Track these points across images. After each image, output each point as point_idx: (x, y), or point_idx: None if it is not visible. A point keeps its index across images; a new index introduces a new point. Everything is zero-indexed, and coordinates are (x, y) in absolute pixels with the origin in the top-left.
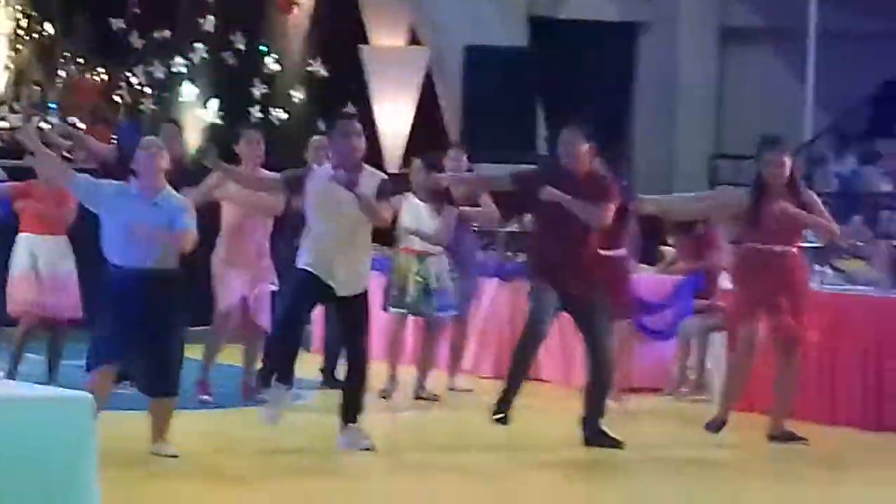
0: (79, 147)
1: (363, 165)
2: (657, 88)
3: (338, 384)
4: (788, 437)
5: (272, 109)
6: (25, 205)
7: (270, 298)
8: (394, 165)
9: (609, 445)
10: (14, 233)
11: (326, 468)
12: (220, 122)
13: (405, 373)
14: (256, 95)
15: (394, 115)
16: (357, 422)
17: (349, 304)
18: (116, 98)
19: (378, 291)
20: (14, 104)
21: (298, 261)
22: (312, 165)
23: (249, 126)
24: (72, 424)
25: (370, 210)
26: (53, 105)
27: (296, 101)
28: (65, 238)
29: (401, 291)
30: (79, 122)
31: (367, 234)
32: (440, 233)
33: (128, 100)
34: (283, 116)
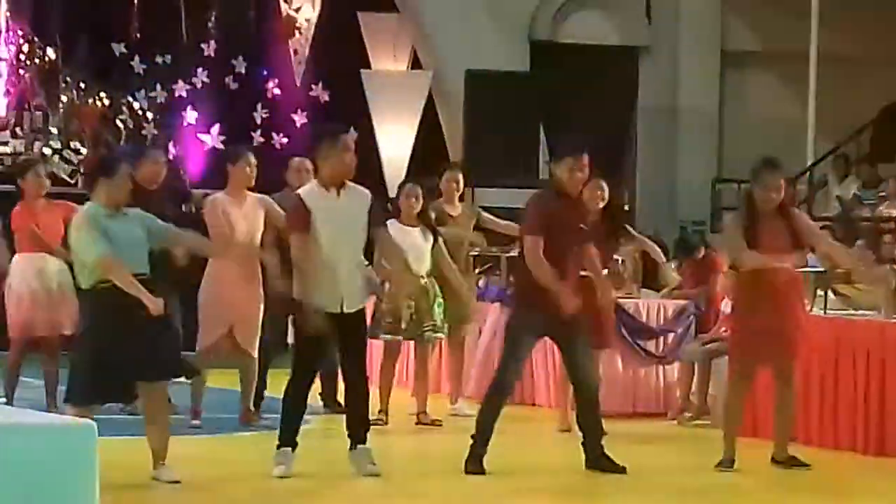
0: None
1: (348, 183)
2: (658, 112)
3: (341, 408)
4: (791, 462)
5: (274, 134)
6: (20, 227)
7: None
8: (395, 189)
9: (611, 470)
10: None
11: (326, 494)
12: (222, 147)
13: (401, 397)
14: (258, 120)
15: (395, 139)
16: (366, 441)
17: (350, 321)
18: (118, 123)
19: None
20: (17, 129)
21: (297, 289)
22: (296, 188)
23: (249, 150)
24: (73, 451)
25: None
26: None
27: (297, 126)
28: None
29: (394, 318)
30: (81, 147)
31: (362, 248)
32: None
33: (129, 124)
34: (285, 141)
